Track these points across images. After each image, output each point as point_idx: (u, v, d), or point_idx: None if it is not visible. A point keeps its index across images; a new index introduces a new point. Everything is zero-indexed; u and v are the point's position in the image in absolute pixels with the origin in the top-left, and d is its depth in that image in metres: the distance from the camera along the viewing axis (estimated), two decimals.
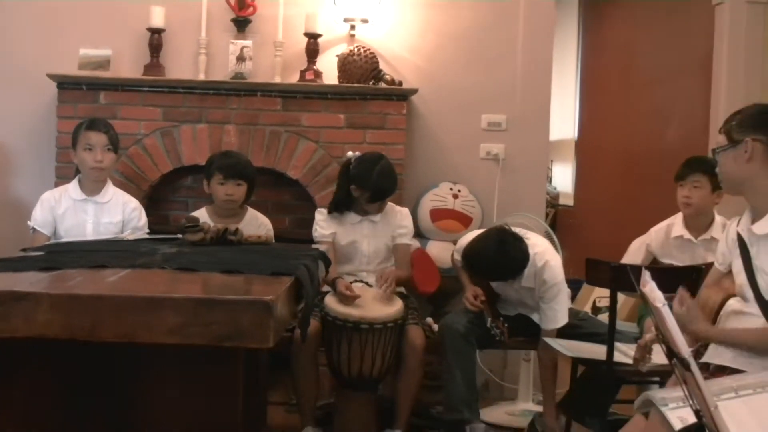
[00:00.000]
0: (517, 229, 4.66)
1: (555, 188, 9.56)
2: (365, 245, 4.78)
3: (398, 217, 4.84)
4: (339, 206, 4.76)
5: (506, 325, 4.55)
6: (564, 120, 9.08)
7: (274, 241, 4.51)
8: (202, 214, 4.71)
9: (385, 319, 4.39)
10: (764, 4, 6.20)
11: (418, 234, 5.42)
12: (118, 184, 4.92)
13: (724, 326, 3.20)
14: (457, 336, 4.54)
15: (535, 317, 4.72)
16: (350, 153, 4.94)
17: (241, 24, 5.49)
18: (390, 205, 4.83)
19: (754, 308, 3.09)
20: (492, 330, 4.53)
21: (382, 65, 5.46)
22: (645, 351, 3.64)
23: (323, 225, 4.75)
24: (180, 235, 4.10)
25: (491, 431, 4.72)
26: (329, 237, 4.71)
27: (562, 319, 4.57)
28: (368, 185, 4.65)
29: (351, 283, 4.65)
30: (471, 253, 4.56)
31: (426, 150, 5.69)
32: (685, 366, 2.02)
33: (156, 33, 5.43)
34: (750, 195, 3.18)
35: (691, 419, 2.15)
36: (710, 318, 3.26)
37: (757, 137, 3.10)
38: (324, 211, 4.81)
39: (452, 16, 5.71)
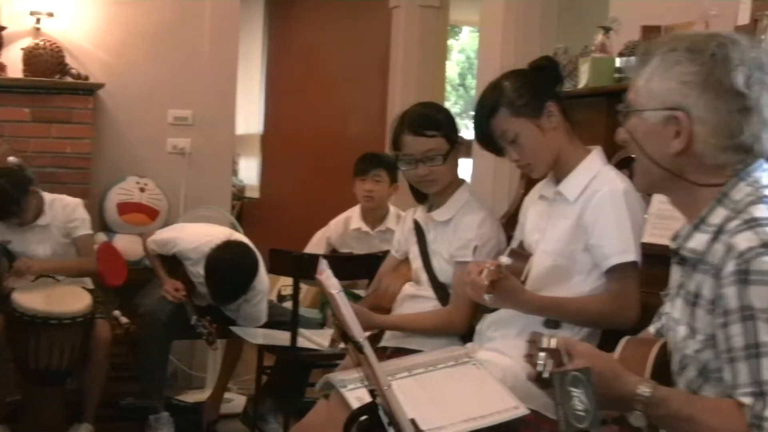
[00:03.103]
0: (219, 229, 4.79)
1: (241, 181, 9.62)
2: (40, 251, 4.62)
3: (67, 211, 4.71)
4: None
5: (214, 325, 4.59)
6: (250, 115, 9.18)
7: None
8: None
9: (74, 314, 4.37)
10: (436, 8, 6.61)
11: (105, 227, 5.41)
12: None
13: (401, 310, 3.35)
14: (159, 324, 4.58)
15: (227, 311, 4.79)
16: (11, 158, 4.83)
17: None
18: (54, 198, 4.70)
19: (427, 291, 3.28)
20: (198, 328, 4.56)
21: (68, 59, 5.36)
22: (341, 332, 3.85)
23: None
24: None
25: (172, 420, 4.72)
26: None
27: (264, 318, 4.73)
28: None
29: (36, 279, 4.56)
30: (214, 275, 4.54)
31: (113, 144, 5.61)
32: (360, 349, 2.05)
33: None
34: (439, 191, 3.33)
35: (368, 398, 2.18)
36: (391, 303, 3.42)
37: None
38: None
39: (139, 12, 5.66)
